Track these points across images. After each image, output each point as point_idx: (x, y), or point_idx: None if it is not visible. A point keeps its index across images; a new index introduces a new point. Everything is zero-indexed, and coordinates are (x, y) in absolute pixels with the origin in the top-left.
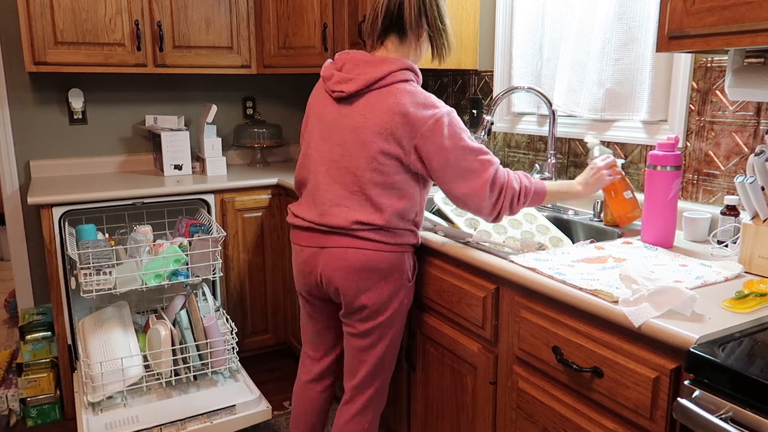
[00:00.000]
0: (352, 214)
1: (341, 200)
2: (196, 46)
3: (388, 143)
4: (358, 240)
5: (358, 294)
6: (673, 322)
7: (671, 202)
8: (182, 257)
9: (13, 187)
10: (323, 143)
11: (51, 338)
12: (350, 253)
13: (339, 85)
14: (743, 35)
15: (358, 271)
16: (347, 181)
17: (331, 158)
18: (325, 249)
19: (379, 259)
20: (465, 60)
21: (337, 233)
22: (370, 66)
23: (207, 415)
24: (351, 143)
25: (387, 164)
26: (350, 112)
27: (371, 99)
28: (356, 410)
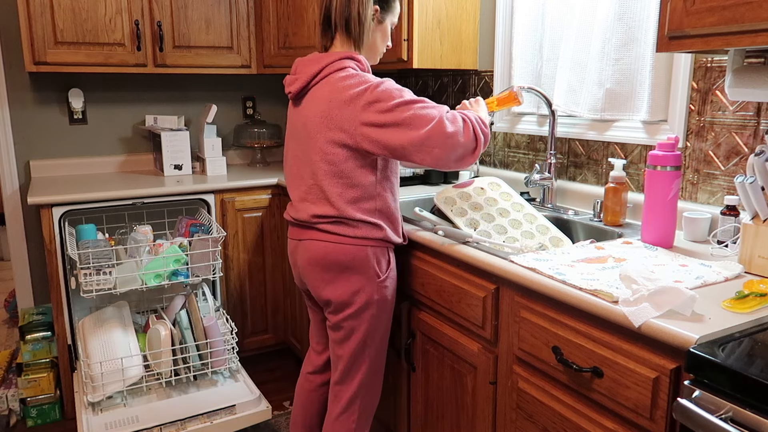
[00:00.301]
0: (310, 208)
1: (303, 194)
2: (196, 46)
3: (331, 131)
4: (319, 233)
5: (322, 286)
6: (673, 322)
7: (671, 202)
8: (182, 257)
9: (13, 187)
10: (292, 143)
11: (51, 338)
12: (314, 246)
13: (289, 87)
14: (743, 35)
15: (319, 264)
16: (305, 175)
17: (294, 156)
18: (301, 242)
19: (337, 252)
20: (465, 60)
21: (306, 227)
22: (313, 63)
23: (207, 415)
24: (303, 138)
25: (334, 153)
26: (300, 109)
27: (313, 93)
28: (341, 408)
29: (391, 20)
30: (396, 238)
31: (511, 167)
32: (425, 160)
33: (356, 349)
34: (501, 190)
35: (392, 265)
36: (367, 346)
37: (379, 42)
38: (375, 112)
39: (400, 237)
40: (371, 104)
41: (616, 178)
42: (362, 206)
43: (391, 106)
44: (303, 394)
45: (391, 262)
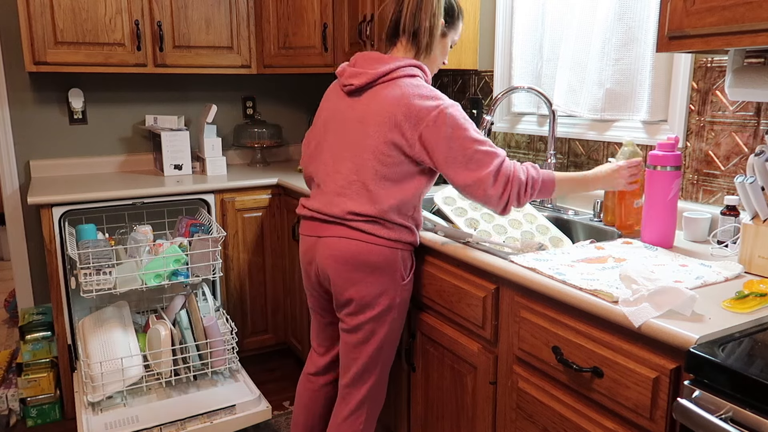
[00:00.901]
0: (347, 204)
1: (341, 189)
2: (196, 46)
3: (391, 133)
4: (351, 230)
5: (347, 286)
6: (673, 322)
7: (671, 202)
8: (182, 257)
9: (13, 187)
10: (333, 136)
11: (51, 338)
12: (342, 243)
13: (350, 79)
14: (743, 35)
15: (349, 262)
16: (348, 170)
17: (338, 149)
18: (322, 239)
19: (370, 252)
20: (465, 60)
21: (334, 223)
22: (380, 62)
23: (207, 415)
24: (356, 133)
25: (389, 155)
26: (358, 104)
27: (378, 91)
28: (350, 410)
29: (452, 37)
30: (418, 241)
31: None
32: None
33: (374, 352)
34: None
35: (414, 266)
36: (384, 349)
37: (438, 55)
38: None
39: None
40: (439, 127)
41: None
42: (402, 211)
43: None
44: (305, 394)
45: (414, 264)
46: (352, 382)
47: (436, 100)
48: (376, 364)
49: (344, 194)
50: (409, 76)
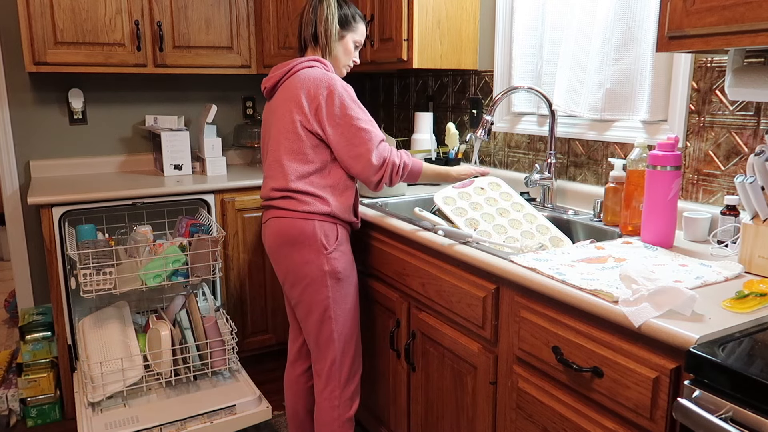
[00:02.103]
0: (269, 183)
1: (267, 172)
2: (196, 46)
3: (293, 113)
4: (275, 210)
5: (279, 262)
6: (673, 322)
7: (671, 202)
8: (182, 257)
9: (13, 187)
10: (264, 138)
11: (51, 338)
12: (272, 224)
13: (263, 85)
14: (743, 35)
15: (276, 240)
16: (270, 154)
17: (267, 144)
18: (265, 223)
19: (290, 227)
20: (465, 60)
21: (267, 207)
22: (284, 65)
23: (207, 415)
24: (272, 123)
25: (293, 131)
26: (273, 102)
27: (284, 86)
28: (321, 386)
29: (353, 38)
30: (346, 216)
31: (511, 167)
32: (341, 161)
33: (318, 323)
34: (501, 190)
35: (340, 239)
36: (330, 318)
37: (341, 55)
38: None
39: (353, 217)
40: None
41: (616, 178)
42: (313, 180)
43: (341, 115)
44: (288, 386)
45: (339, 236)
46: (315, 356)
47: (328, 81)
48: (328, 334)
49: (269, 175)
50: (307, 68)
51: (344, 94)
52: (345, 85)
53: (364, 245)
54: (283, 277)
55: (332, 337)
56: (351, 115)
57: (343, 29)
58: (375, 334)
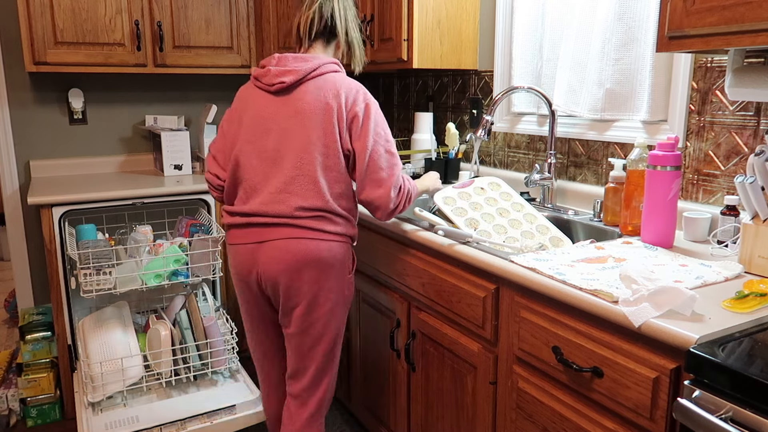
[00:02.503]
0: (293, 200)
1: (285, 186)
2: (196, 46)
3: (329, 124)
4: (298, 230)
5: (298, 286)
6: (673, 322)
7: (671, 202)
8: (182, 257)
9: (13, 187)
10: (262, 136)
11: (51, 338)
12: (292, 244)
13: (279, 77)
14: (743, 35)
15: (299, 262)
16: (291, 166)
17: (276, 147)
18: (265, 243)
19: (320, 249)
20: (465, 60)
21: (278, 225)
22: (304, 61)
23: (207, 415)
24: (294, 128)
25: (329, 146)
26: (291, 100)
27: (309, 87)
28: (310, 413)
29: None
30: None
31: (511, 167)
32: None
33: (328, 350)
34: (501, 190)
35: (356, 261)
36: (336, 343)
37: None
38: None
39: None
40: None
41: (616, 178)
42: (343, 202)
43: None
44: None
45: (354, 257)
46: (311, 384)
47: (364, 93)
48: (330, 362)
49: (289, 191)
50: (333, 72)
51: (379, 110)
52: (376, 102)
53: (364, 245)
54: (295, 301)
55: (334, 362)
56: (383, 135)
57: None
58: (375, 333)
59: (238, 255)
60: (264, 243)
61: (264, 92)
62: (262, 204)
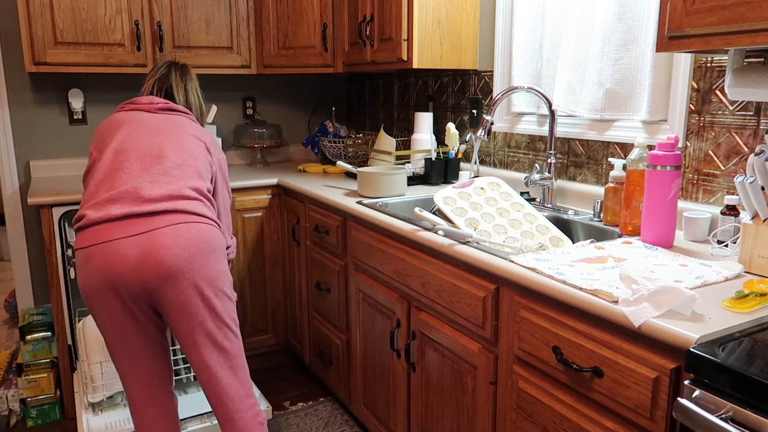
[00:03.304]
0: (182, 182)
1: (170, 170)
2: (195, 47)
3: (201, 144)
4: (188, 215)
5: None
6: (673, 322)
7: (671, 202)
8: None
9: (13, 187)
10: (136, 139)
11: (51, 338)
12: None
13: (151, 102)
14: (743, 35)
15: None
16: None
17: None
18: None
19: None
20: (465, 60)
21: (164, 212)
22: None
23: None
24: (172, 133)
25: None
26: (160, 117)
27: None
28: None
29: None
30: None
31: (511, 167)
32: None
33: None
34: (501, 189)
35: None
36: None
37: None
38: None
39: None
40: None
41: (616, 178)
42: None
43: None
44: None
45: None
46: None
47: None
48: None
49: (175, 174)
50: (194, 121)
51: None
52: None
53: (364, 245)
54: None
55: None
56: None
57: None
58: (375, 334)
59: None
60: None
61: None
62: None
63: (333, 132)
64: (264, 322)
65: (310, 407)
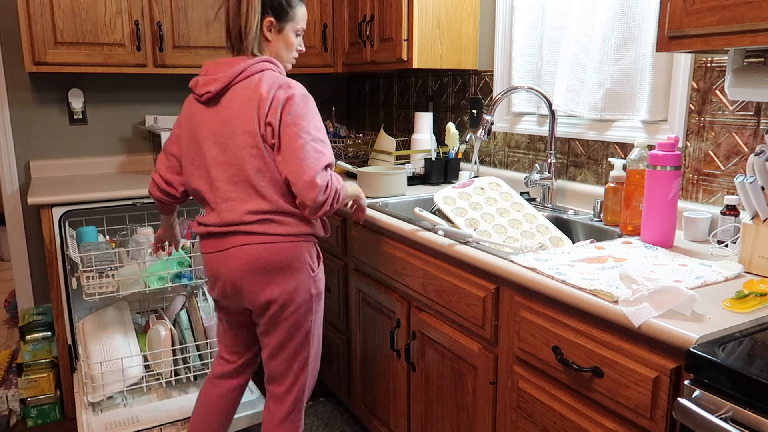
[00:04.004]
0: (240, 206)
1: (229, 194)
2: (195, 46)
3: (252, 125)
4: (249, 236)
5: (260, 291)
6: (673, 321)
7: (671, 202)
8: (185, 259)
9: (13, 187)
10: (207, 147)
11: (51, 338)
12: (246, 251)
13: (205, 87)
14: (743, 35)
15: (254, 268)
16: (230, 173)
17: (214, 158)
18: (224, 252)
19: (272, 252)
20: (465, 60)
21: (232, 233)
22: (229, 65)
23: None
24: (225, 136)
25: (257, 147)
26: (219, 108)
27: (235, 92)
28: (286, 412)
29: (293, 27)
30: (322, 232)
31: (511, 167)
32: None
33: (298, 348)
34: (501, 189)
35: (321, 257)
36: (309, 343)
37: (282, 50)
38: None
39: (324, 230)
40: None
41: (616, 178)
42: (289, 202)
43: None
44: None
45: (320, 254)
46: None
47: (287, 88)
48: (305, 359)
49: (233, 198)
50: (260, 71)
51: (303, 101)
52: (307, 95)
53: (364, 245)
54: (262, 305)
55: (308, 361)
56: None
57: (280, 20)
58: (375, 333)
59: (206, 263)
60: (223, 252)
61: (198, 103)
62: (215, 217)
63: (333, 132)
64: None
65: (310, 407)
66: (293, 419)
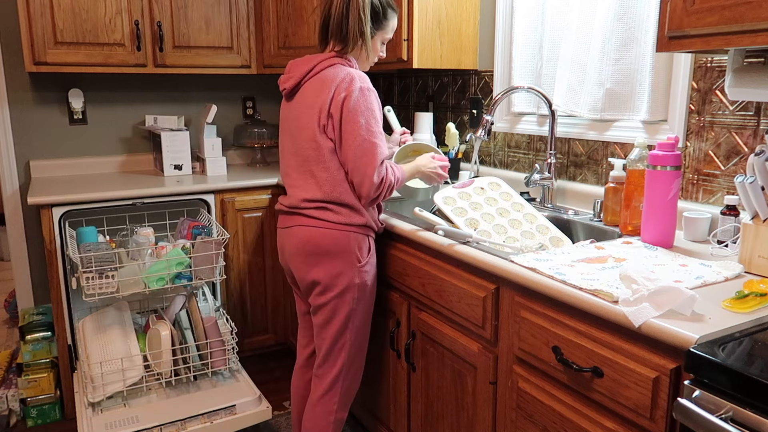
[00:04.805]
0: (299, 193)
1: (294, 181)
2: (196, 46)
3: (316, 118)
4: (305, 218)
5: (307, 269)
6: (673, 322)
7: (671, 202)
8: (185, 260)
9: (13, 187)
10: (284, 138)
11: (51, 338)
12: (300, 231)
13: (282, 84)
14: (743, 35)
15: (304, 248)
16: (296, 163)
17: (288, 149)
18: (286, 229)
19: (322, 236)
20: (465, 60)
21: (293, 213)
22: (305, 62)
23: (207, 415)
24: (295, 130)
25: (319, 140)
26: (293, 103)
27: (305, 88)
28: (324, 389)
29: (382, 36)
30: (375, 225)
31: (511, 167)
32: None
33: (338, 331)
34: (501, 189)
35: (372, 251)
36: (348, 329)
37: (371, 54)
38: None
39: (378, 226)
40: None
41: (616, 178)
42: (344, 193)
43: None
44: (296, 391)
45: (371, 249)
46: (323, 361)
47: (350, 82)
48: (342, 343)
49: (297, 185)
50: (329, 66)
51: (361, 97)
52: (367, 90)
53: None
54: (308, 284)
55: (345, 347)
56: (361, 122)
57: (375, 27)
58: (375, 333)
59: (278, 237)
60: (286, 229)
61: (284, 98)
62: (285, 198)
63: None
64: (264, 322)
65: None
66: (327, 401)
